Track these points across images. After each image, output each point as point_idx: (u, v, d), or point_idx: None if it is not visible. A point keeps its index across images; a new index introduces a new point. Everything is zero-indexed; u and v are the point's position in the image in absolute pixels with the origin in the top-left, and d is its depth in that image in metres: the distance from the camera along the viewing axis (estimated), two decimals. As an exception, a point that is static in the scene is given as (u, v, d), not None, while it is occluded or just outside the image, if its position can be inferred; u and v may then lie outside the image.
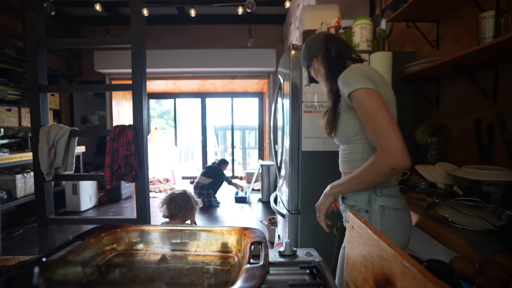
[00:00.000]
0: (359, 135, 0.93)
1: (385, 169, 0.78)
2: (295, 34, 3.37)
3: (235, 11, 3.56)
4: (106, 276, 0.56)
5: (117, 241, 0.64)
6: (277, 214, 2.14)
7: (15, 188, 3.07)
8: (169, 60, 4.52)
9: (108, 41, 1.85)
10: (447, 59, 1.22)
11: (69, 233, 3.13)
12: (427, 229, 0.98)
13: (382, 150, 0.79)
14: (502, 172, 1.06)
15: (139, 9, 1.71)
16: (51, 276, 0.47)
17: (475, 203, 1.03)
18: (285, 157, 1.85)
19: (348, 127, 0.94)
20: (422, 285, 0.35)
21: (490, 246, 0.72)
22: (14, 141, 3.55)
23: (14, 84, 3.45)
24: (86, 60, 4.79)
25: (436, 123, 1.65)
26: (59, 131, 1.74)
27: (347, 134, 0.95)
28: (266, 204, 4.33)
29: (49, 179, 1.77)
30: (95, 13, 4.20)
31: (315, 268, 0.60)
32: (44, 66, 1.81)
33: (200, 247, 0.63)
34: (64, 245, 0.53)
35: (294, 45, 1.65)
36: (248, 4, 3.17)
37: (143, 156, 1.75)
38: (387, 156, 0.78)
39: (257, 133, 6.61)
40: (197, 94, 6.63)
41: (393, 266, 0.42)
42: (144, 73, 1.77)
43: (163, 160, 5.65)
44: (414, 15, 1.61)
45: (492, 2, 1.26)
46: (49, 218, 1.80)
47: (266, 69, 4.68)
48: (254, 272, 0.43)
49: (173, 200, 1.67)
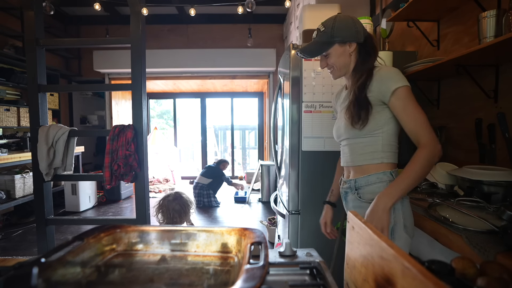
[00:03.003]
0: (381, 129, 0.96)
1: (436, 160, 0.86)
2: (295, 33, 3.37)
3: (235, 10, 3.56)
4: (106, 276, 0.56)
5: (117, 241, 0.63)
6: (277, 214, 2.13)
7: (14, 188, 3.06)
8: (169, 60, 4.52)
9: (107, 40, 1.85)
10: (447, 59, 1.22)
11: (68, 234, 3.13)
12: (427, 229, 0.98)
13: (428, 143, 0.86)
14: (503, 172, 1.05)
15: (138, 9, 1.71)
16: (50, 276, 0.47)
17: (476, 204, 1.02)
18: (285, 157, 1.84)
19: (373, 120, 0.96)
20: (423, 286, 0.34)
21: (491, 246, 0.72)
22: (13, 141, 3.54)
23: (13, 83, 3.44)
24: (86, 59, 4.78)
25: (437, 123, 1.65)
26: (58, 131, 1.74)
27: (371, 126, 0.96)
28: (266, 204, 4.32)
29: (48, 179, 1.76)
30: (94, 12, 4.18)
31: (315, 269, 0.60)
32: (43, 65, 1.81)
33: (199, 248, 0.63)
34: (63, 246, 0.52)
35: (294, 45, 1.65)
36: (248, 3, 3.16)
37: (142, 156, 1.74)
38: (435, 148, 0.85)
39: (257, 133, 6.61)
40: (196, 94, 6.62)
41: (394, 267, 0.41)
42: (144, 73, 1.77)
43: (162, 160, 5.64)
44: (414, 15, 1.60)
45: (493, 2, 1.26)
46: (48, 219, 1.80)
47: (266, 69, 4.68)
48: (254, 272, 0.42)
49: (170, 207, 1.63)
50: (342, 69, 1.03)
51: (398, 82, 0.90)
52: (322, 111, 1.65)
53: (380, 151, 0.97)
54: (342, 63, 1.01)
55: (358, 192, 1.01)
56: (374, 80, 0.95)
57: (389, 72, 0.94)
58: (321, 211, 1.24)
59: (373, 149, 0.98)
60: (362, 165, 1.00)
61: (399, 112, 0.91)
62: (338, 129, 1.09)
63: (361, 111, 0.95)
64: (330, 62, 1.02)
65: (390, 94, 0.91)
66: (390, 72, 0.93)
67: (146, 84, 1.80)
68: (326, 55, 1.02)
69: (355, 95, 0.97)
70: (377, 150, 0.98)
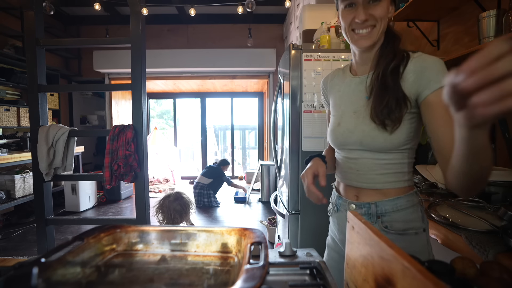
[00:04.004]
0: (409, 144, 0.74)
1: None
2: (295, 33, 3.37)
3: (235, 10, 3.56)
4: (106, 276, 0.56)
5: (117, 241, 0.63)
6: (277, 215, 2.13)
7: (14, 188, 3.06)
8: (169, 60, 4.52)
9: (107, 40, 1.85)
10: (448, 59, 1.22)
11: (68, 234, 3.13)
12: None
13: None
14: (503, 172, 1.05)
15: (138, 9, 1.71)
16: (50, 276, 0.47)
17: (476, 204, 1.02)
18: (285, 157, 1.84)
19: (404, 127, 0.71)
20: (423, 286, 0.34)
21: (491, 246, 0.72)
22: (13, 141, 3.54)
23: (13, 83, 3.44)
24: (86, 59, 4.78)
25: (436, 123, 1.65)
26: (58, 131, 1.74)
27: (402, 137, 0.72)
28: (266, 204, 4.32)
29: (48, 179, 1.76)
30: (94, 12, 4.18)
31: (315, 269, 0.60)
32: (43, 65, 1.81)
33: (199, 248, 0.63)
34: (63, 246, 0.52)
35: (294, 45, 1.65)
36: (248, 3, 3.16)
37: (142, 156, 1.74)
38: None
39: (257, 133, 6.61)
40: (196, 94, 6.62)
41: (394, 267, 0.41)
42: (144, 73, 1.77)
43: (162, 160, 5.64)
44: (414, 15, 1.60)
45: (493, 2, 1.26)
46: (48, 219, 1.80)
47: (266, 69, 4.68)
48: (254, 272, 0.42)
49: (171, 207, 1.64)
50: (381, 33, 0.73)
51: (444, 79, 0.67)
52: (322, 111, 1.65)
53: (406, 173, 0.75)
54: (385, 24, 0.73)
55: (383, 221, 0.75)
56: (411, 67, 0.71)
57: (435, 62, 0.69)
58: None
59: (400, 169, 0.75)
60: (381, 189, 0.76)
61: (437, 117, 0.66)
62: (345, 132, 0.78)
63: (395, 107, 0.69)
64: (377, 14, 0.70)
65: (431, 90, 0.67)
66: (436, 63, 0.69)
67: (146, 84, 1.80)
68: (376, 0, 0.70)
69: (385, 82, 0.71)
70: (403, 171, 0.75)
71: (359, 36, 0.73)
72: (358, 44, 0.74)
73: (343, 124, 0.80)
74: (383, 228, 0.75)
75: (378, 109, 0.71)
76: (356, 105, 0.78)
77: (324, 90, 0.93)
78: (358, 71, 0.82)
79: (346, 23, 0.74)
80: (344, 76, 0.86)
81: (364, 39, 0.72)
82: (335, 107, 0.86)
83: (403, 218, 0.74)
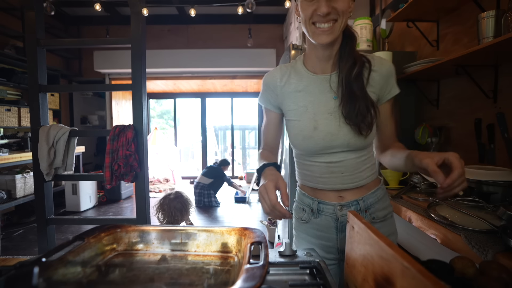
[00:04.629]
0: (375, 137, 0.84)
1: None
2: (295, 34, 3.37)
3: (235, 11, 3.56)
4: (106, 276, 0.56)
5: (117, 241, 0.64)
6: (277, 214, 2.13)
7: (14, 188, 3.07)
8: (169, 60, 4.52)
9: (108, 41, 1.85)
10: (447, 59, 1.22)
11: (69, 233, 3.13)
12: (427, 229, 0.98)
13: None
14: (502, 172, 1.06)
15: (139, 9, 1.71)
16: (51, 276, 0.47)
17: (475, 203, 1.03)
18: (285, 157, 1.84)
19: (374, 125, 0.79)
20: (422, 285, 0.35)
21: (490, 246, 0.72)
22: (13, 141, 3.55)
23: (13, 84, 3.45)
24: (86, 60, 4.79)
25: (436, 123, 1.65)
26: (58, 131, 1.74)
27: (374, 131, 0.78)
28: (266, 204, 4.32)
29: (48, 179, 1.77)
30: (95, 13, 4.18)
31: (315, 268, 0.60)
32: (44, 66, 1.81)
33: (200, 247, 0.63)
34: (64, 245, 0.53)
35: (294, 45, 1.65)
36: (248, 4, 3.16)
37: (143, 156, 1.74)
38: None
39: (257, 133, 6.62)
40: (197, 94, 6.63)
41: (393, 266, 0.41)
42: (144, 73, 1.77)
43: (163, 160, 5.65)
44: (414, 15, 1.60)
45: (492, 2, 1.26)
46: (48, 218, 1.80)
47: (266, 69, 4.67)
48: (254, 272, 0.43)
49: (172, 205, 1.64)
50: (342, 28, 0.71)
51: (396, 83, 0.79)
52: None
53: (375, 164, 0.84)
54: (346, 20, 0.70)
55: (370, 213, 0.80)
56: (376, 72, 0.75)
57: (392, 68, 0.77)
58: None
59: (372, 162, 0.82)
60: (364, 185, 0.79)
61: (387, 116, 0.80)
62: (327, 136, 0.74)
63: (368, 112, 0.72)
64: (340, 7, 0.67)
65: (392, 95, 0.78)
66: (393, 69, 0.77)
67: (146, 84, 1.80)
68: None
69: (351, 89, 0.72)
70: (374, 162, 0.83)
71: (321, 30, 0.69)
72: (319, 39, 0.70)
73: (322, 127, 0.75)
74: (371, 220, 0.80)
75: (352, 114, 0.72)
76: (328, 106, 0.75)
77: (271, 91, 0.83)
78: (317, 68, 0.79)
79: (307, 16, 0.70)
80: (299, 74, 0.80)
81: (326, 34, 0.69)
82: (298, 109, 0.78)
83: (383, 206, 0.82)
